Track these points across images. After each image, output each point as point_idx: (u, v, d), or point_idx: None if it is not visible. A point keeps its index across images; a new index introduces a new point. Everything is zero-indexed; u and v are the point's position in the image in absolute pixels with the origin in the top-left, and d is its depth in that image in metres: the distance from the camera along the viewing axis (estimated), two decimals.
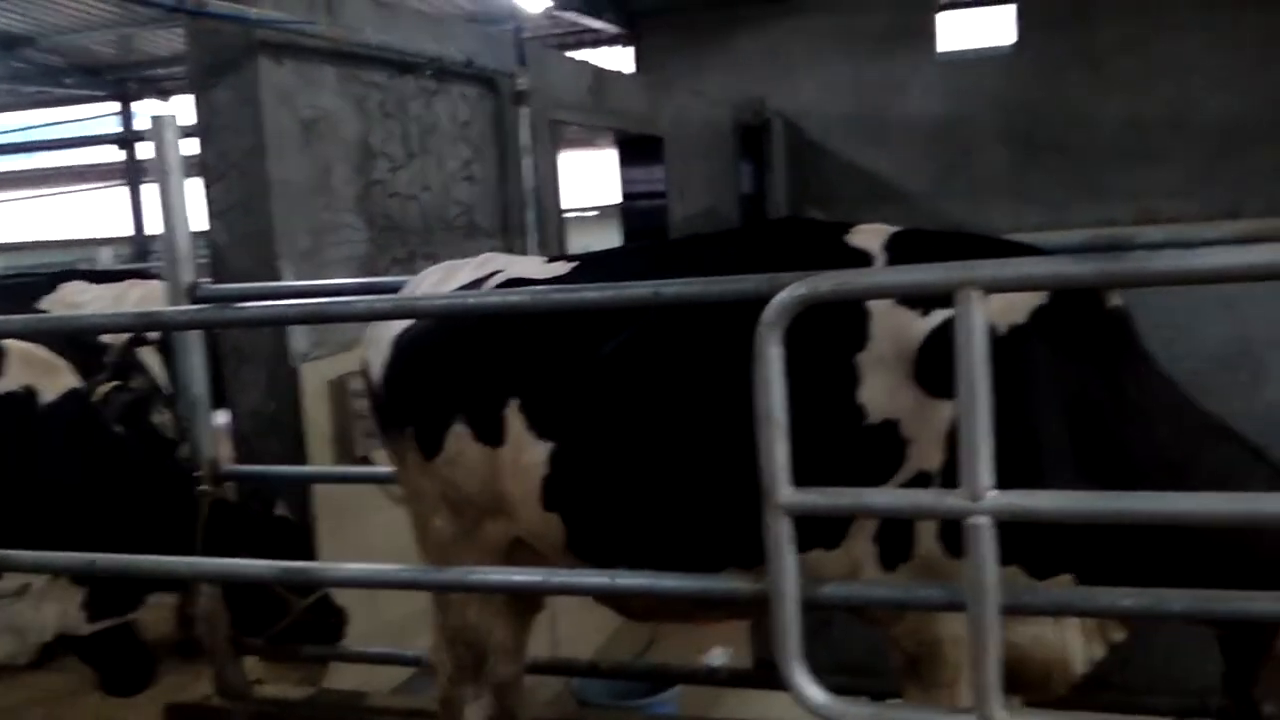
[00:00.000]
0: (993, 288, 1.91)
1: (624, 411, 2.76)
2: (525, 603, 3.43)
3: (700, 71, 13.25)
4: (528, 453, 2.85)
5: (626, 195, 10.56)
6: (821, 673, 3.55)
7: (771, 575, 2.15)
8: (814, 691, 2.13)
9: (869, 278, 2.11)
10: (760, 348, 2.07)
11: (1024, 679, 2.70)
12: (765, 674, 4.02)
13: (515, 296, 2.48)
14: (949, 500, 2.04)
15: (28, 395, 3.46)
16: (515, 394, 2.89)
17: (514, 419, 2.88)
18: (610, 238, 10.95)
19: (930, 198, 12.78)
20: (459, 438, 2.97)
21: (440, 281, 3.25)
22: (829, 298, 2.04)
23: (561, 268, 3.06)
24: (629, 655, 6.63)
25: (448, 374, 3.01)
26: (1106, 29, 12.47)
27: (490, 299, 2.56)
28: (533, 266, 3.13)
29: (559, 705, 5.82)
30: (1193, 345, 3.03)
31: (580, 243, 9.87)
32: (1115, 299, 2.60)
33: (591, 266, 3.06)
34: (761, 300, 2.22)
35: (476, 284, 3.10)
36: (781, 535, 2.12)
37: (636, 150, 10.23)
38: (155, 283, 8.17)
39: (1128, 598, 2.07)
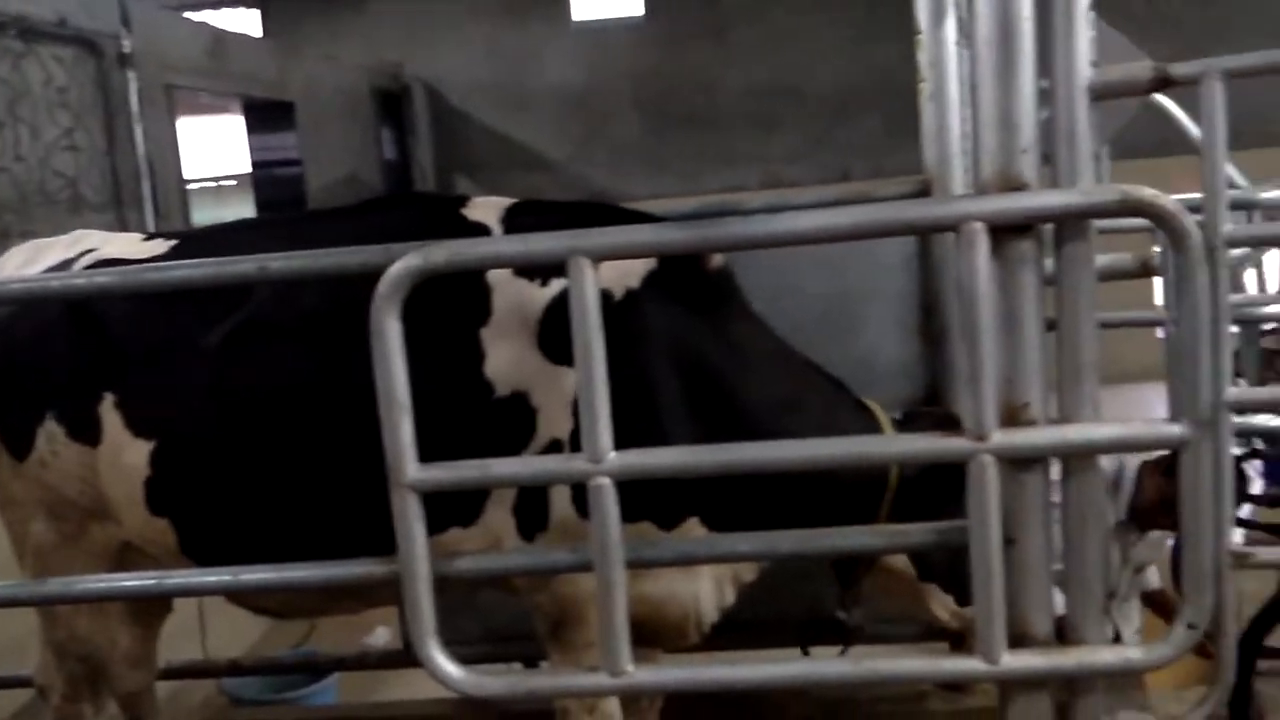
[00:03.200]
0: (600, 256, 1.95)
1: (236, 403, 2.62)
2: (149, 608, 3.20)
3: (334, 36, 12.76)
4: (127, 453, 2.65)
5: (258, 164, 10.02)
6: (471, 643, 3.57)
7: (401, 555, 2.09)
8: (450, 668, 2.11)
9: (483, 248, 2.09)
10: (376, 323, 2.00)
11: (663, 631, 2.83)
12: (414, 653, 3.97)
13: (102, 278, 2.26)
14: (573, 464, 2.07)
15: None
16: (109, 388, 2.68)
17: (109, 416, 2.67)
18: (247, 209, 10.36)
19: (572, 165, 13.02)
20: (51, 437, 2.72)
21: (26, 263, 2.95)
22: (444, 269, 2.00)
23: (160, 246, 2.85)
24: (287, 648, 6.38)
25: (34, 366, 2.75)
26: (728, 0, 13.15)
27: (74, 281, 2.33)
28: (129, 245, 2.91)
29: (209, 707, 5.52)
30: (796, 301, 3.25)
31: (213, 215, 9.29)
32: (718, 259, 2.75)
33: (196, 244, 2.88)
34: (378, 276, 2.16)
35: (66, 265, 2.83)
36: (409, 514, 2.07)
37: (266, 116, 9.71)
38: None
39: (743, 542, 2.18)
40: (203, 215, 8.18)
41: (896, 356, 3.48)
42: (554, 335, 2.54)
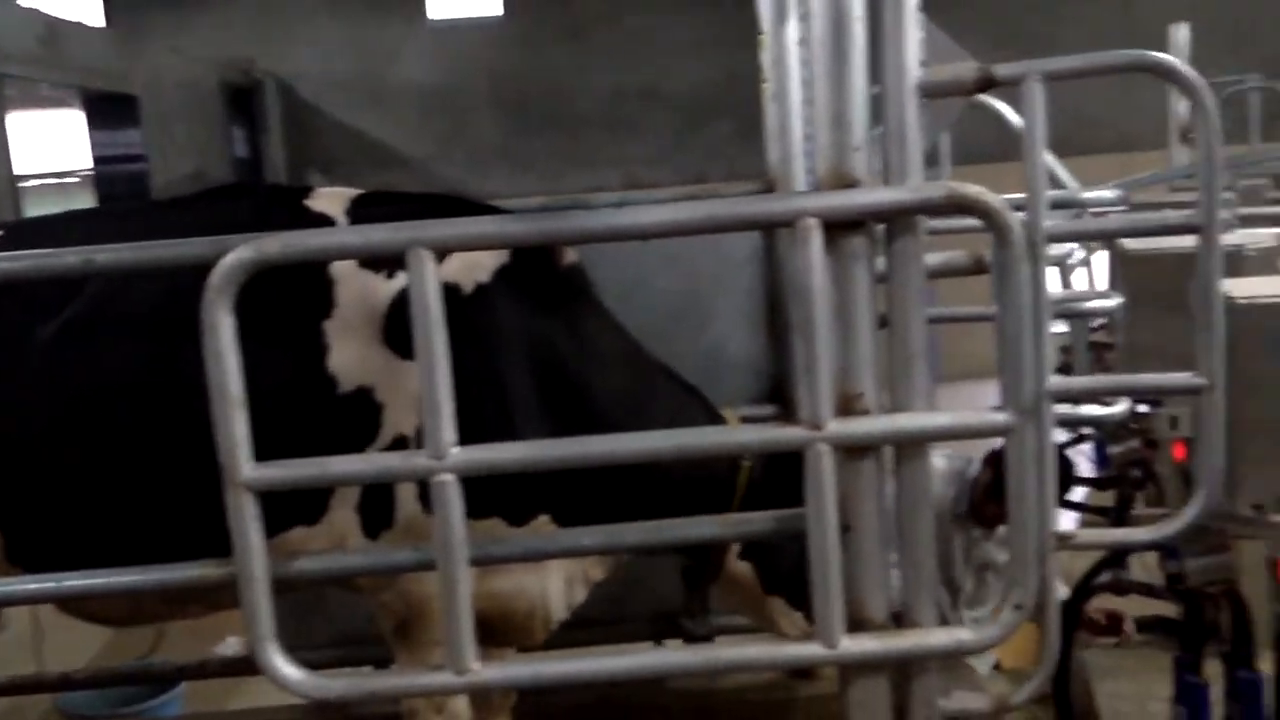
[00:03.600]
0: (441, 248, 1.93)
1: (66, 400, 2.51)
2: None
3: (180, 28, 12.31)
4: None
5: (100, 159, 9.60)
6: (320, 647, 3.49)
7: (237, 556, 2.03)
8: (289, 670, 2.06)
9: (318, 239, 2.05)
10: (208, 317, 1.94)
11: (512, 627, 2.82)
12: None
13: None
14: (415, 461, 2.04)
15: None
16: None
17: None
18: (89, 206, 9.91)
19: (431, 164, 12.83)
20: None
21: None
22: (278, 260, 1.95)
23: None
24: (131, 659, 6.12)
25: None
26: (586, 2, 13.16)
27: None
28: None
29: None
30: (646, 298, 3.28)
31: (52, 212, 8.81)
32: (571, 255, 2.75)
33: (24, 236, 2.75)
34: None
35: None
36: (244, 514, 2.01)
37: (108, 111, 9.31)
38: None
39: (588, 536, 2.19)
40: (41, 212, 7.78)
41: (743, 350, 3.55)
42: (400, 329, 2.50)
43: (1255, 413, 2.06)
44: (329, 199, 2.70)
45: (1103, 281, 5.22)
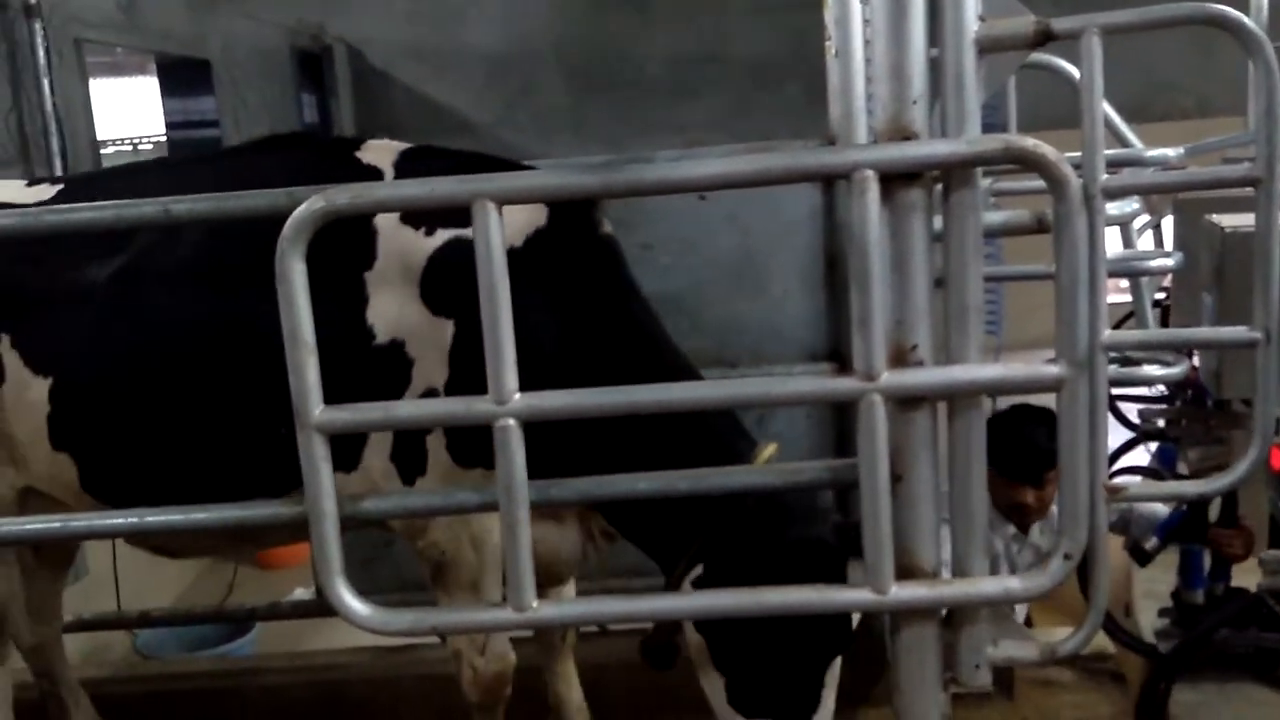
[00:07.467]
0: (504, 199, 1.97)
1: (126, 339, 2.65)
2: (52, 558, 3.20)
3: None
4: (29, 390, 2.68)
5: (173, 125, 9.81)
6: (386, 591, 3.60)
7: (309, 495, 2.12)
8: (357, 606, 2.14)
9: (387, 191, 2.11)
10: (282, 266, 2.02)
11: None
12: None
13: (6, 220, 2.25)
14: (478, 406, 2.10)
15: None
16: (5, 329, 2.70)
17: (9, 356, 2.70)
18: None
19: (496, 129, 12.88)
20: None
21: None
22: (347, 211, 2.02)
23: (46, 190, 2.87)
24: (210, 602, 6.34)
25: None
26: None
27: None
28: (14, 191, 2.91)
29: (124, 662, 5.51)
30: (703, 256, 3.31)
31: None
32: (607, 227, 2.78)
33: (82, 188, 2.89)
34: (264, 218, 2.15)
35: None
36: (316, 455, 2.10)
37: (182, 76, 9.51)
38: None
39: (643, 481, 2.24)
40: None
41: (801, 309, 3.56)
42: (436, 286, 2.59)
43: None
44: (378, 151, 2.79)
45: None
